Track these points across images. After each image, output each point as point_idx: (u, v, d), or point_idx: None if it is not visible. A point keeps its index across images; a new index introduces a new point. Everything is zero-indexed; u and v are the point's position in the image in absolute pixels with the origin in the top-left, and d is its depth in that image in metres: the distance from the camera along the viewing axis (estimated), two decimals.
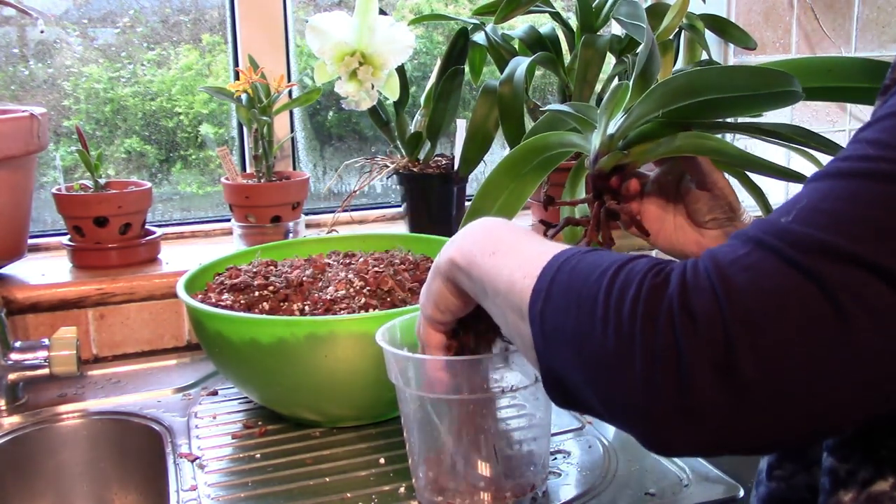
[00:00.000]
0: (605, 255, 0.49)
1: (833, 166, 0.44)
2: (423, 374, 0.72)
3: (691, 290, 0.43)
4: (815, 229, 0.41)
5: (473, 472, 0.73)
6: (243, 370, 0.90)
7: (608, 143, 0.70)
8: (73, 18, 1.35)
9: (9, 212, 1.10)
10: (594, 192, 0.73)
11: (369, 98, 1.23)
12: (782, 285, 0.41)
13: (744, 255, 0.43)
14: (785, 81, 0.57)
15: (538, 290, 0.50)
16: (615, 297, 0.45)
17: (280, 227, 1.27)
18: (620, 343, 0.44)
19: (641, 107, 0.68)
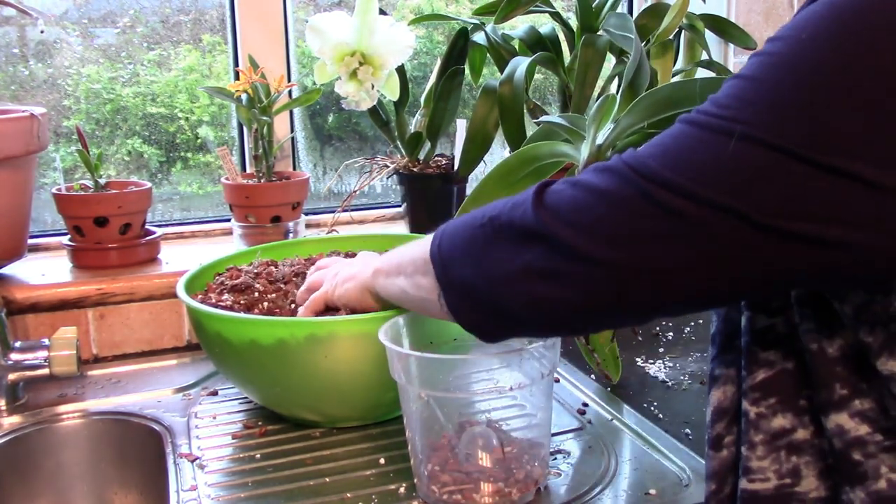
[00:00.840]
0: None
1: (689, 115, 0.53)
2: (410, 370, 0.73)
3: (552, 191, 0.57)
4: (649, 158, 0.52)
5: (477, 470, 0.73)
6: (243, 371, 0.90)
7: (596, 154, 0.72)
8: (73, 18, 1.35)
9: (9, 212, 1.10)
10: None
11: (369, 98, 1.23)
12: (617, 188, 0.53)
13: (603, 166, 0.54)
14: None
15: (433, 242, 0.65)
16: (490, 215, 0.60)
17: (280, 227, 1.27)
18: (499, 235, 0.58)
19: (628, 118, 0.69)
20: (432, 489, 0.75)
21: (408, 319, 0.80)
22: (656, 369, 1.11)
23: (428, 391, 0.73)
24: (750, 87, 0.49)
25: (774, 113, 0.47)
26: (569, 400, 0.99)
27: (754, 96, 0.49)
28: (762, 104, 0.48)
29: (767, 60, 0.49)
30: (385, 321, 0.79)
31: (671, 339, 1.21)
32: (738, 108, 0.49)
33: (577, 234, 0.53)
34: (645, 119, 0.68)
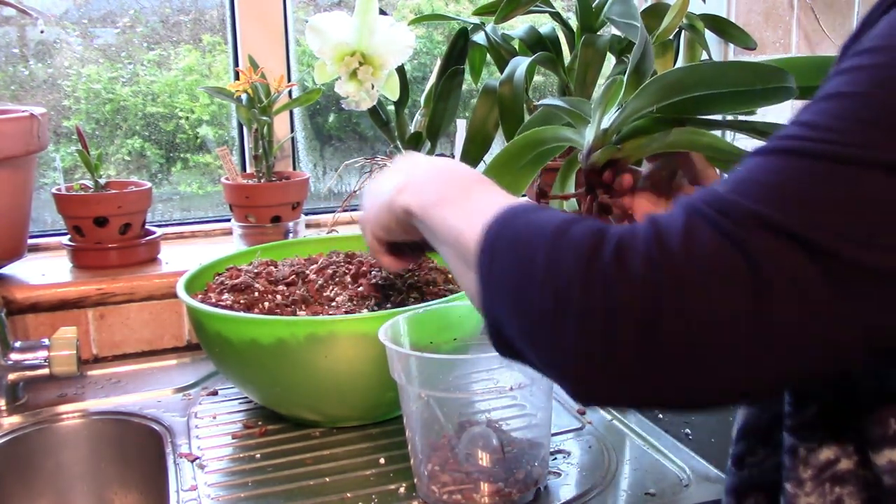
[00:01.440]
0: (551, 214, 0.51)
1: (770, 143, 0.46)
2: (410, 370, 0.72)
3: (627, 251, 0.44)
4: (746, 199, 0.43)
5: (477, 470, 0.73)
6: (243, 370, 0.90)
7: (601, 138, 0.71)
8: (73, 18, 1.35)
9: (9, 212, 1.10)
10: (586, 187, 0.73)
11: (369, 98, 1.23)
12: (710, 252, 0.42)
13: (680, 221, 0.44)
14: (778, 77, 0.58)
15: (484, 243, 0.52)
16: (554, 255, 0.47)
17: (280, 227, 1.27)
18: (556, 300, 0.46)
19: (635, 102, 0.68)
20: (432, 489, 0.75)
21: (408, 319, 0.80)
22: None
23: (428, 391, 0.74)
24: (856, 104, 0.43)
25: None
26: (569, 400, 0.99)
27: (868, 115, 0.42)
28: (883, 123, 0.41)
29: (868, 74, 0.43)
30: (385, 321, 0.79)
31: None
32: (847, 129, 0.42)
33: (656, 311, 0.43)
34: (653, 103, 0.66)
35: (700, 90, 0.62)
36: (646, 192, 0.76)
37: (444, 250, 0.59)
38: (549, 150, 0.80)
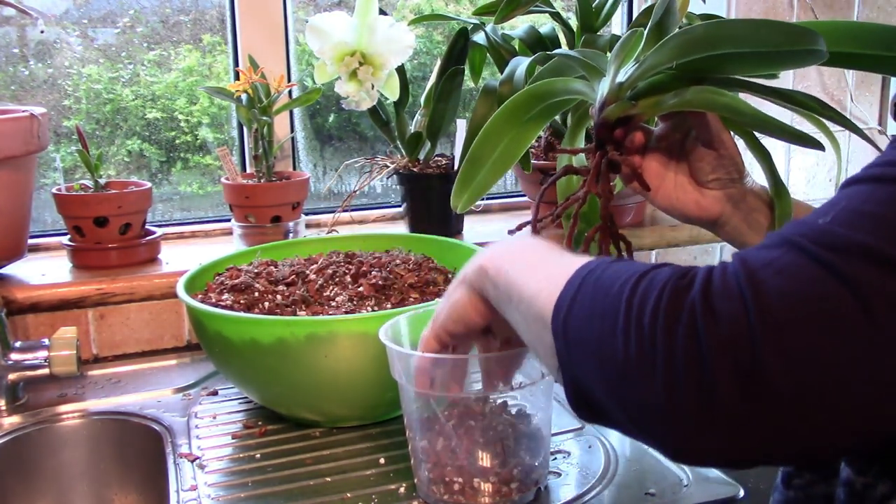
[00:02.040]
0: (628, 265, 0.48)
1: (871, 171, 0.43)
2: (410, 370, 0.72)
3: (716, 293, 0.42)
4: (852, 231, 0.40)
5: (477, 470, 0.73)
6: (243, 370, 0.90)
7: (616, 92, 0.68)
8: (73, 18, 1.35)
9: (9, 212, 1.10)
10: (597, 142, 0.71)
11: (369, 98, 1.23)
12: (815, 289, 0.39)
13: (776, 258, 0.41)
14: (809, 39, 0.56)
15: (562, 301, 0.49)
16: (636, 305, 0.44)
17: (280, 227, 1.27)
18: (642, 352, 0.43)
19: (655, 56, 0.65)
20: (432, 489, 0.75)
21: (408, 319, 0.80)
22: None
23: (428, 391, 0.73)
24: None
25: None
26: None
27: None
28: None
29: None
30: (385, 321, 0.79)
31: None
32: None
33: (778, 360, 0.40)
34: (674, 59, 0.63)
35: (725, 48, 0.60)
36: (656, 153, 0.75)
37: (517, 312, 0.56)
38: (557, 103, 0.76)
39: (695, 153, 0.74)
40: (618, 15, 1.56)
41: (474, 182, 0.80)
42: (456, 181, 0.81)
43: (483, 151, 0.78)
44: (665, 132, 0.74)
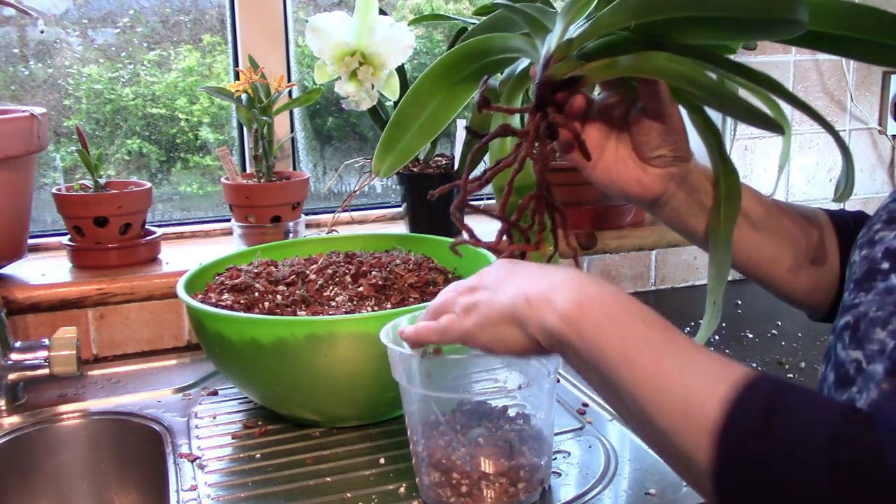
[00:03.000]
0: (809, 401, 0.47)
1: None
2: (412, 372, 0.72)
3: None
4: None
5: (479, 470, 0.73)
6: (243, 370, 0.90)
7: (565, 49, 0.62)
8: (73, 18, 1.35)
9: (9, 212, 1.10)
10: (537, 102, 0.65)
11: (369, 98, 1.23)
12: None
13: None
14: (787, 7, 0.50)
15: (738, 422, 0.47)
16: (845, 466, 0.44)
17: (280, 227, 1.27)
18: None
19: (611, 14, 0.58)
20: (438, 492, 0.75)
21: (409, 320, 0.79)
22: None
23: (429, 392, 0.73)
24: None
25: None
26: (569, 400, 0.99)
27: None
28: None
29: None
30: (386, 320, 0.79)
31: None
32: None
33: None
34: (634, 18, 0.57)
35: (690, 10, 0.54)
36: (596, 123, 0.70)
37: (637, 408, 0.51)
38: (494, 62, 0.70)
39: (640, 126, 0.69)
40: None
41: (398, 146, 0.74)
42: (378, 144, 0.75)
43: (410, 114, 0.72)
44: (608, 100, 0.69)
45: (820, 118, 0.62)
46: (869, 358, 0.57)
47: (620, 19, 0.58)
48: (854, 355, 0.58)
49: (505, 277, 0.61)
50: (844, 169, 0.69)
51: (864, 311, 0.59)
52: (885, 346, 0.55)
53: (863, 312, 0.59)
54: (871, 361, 0.56)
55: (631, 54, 0.60)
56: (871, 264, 0.61)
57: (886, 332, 0.55)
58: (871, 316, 0.58)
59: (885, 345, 0.55)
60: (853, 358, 0.58)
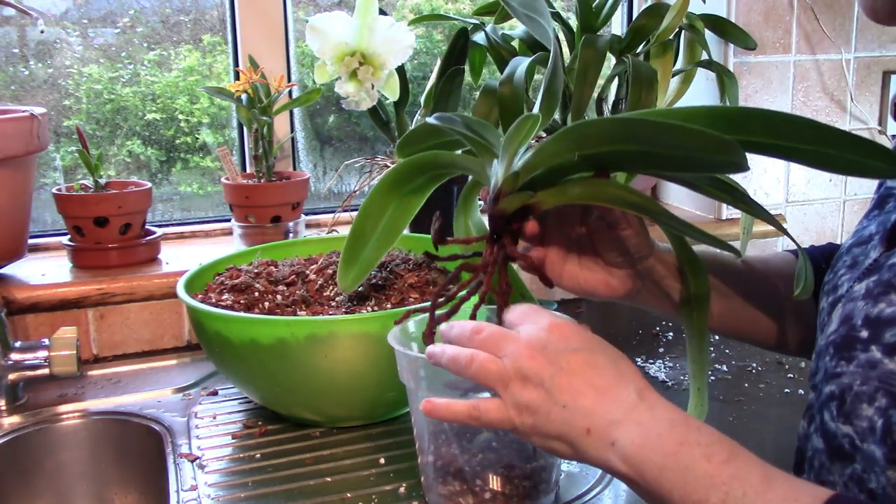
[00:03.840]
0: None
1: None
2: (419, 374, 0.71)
3: None
4: None
5: (488, 477, 0.73)
6: (243, 370, 0.90)
7: (512, 182, 0.63)
8: (73, 18, 1.35)
9: (9, 212, 1.10)
10: (492, 233, 0.66)
11: (369, 98, 1.22)
12: None
13: None
14: (731, 152, 0.50)
15: None
16: None
17: (280, 227, 1.27)
18: None
19: (554, 144, 0.59)
20: (441, 494, 0.75)
21: (416, 323, 0.79)
22: (656, 369, 1.11)
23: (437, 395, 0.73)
24: None
25: None
26: None
27: None
28: None
29: None
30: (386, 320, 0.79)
31: (671, 340, 1.21)
32: None
33: None
34: (574, 151, 0.58)
35: (631, 145, 0.55)
36: (555, 237, 0.71)
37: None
38: (439, 174, 0.72)
39: (600, 235, 0.70)
40: (618, 15, 1.56)
41: (360, 259, 0.77)
42: (341, 259, 0.77)
43: (365, 227, 0.74)
44: (562, 209, 0.69)
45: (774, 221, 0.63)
46: (861, 435, 0.57)
47: (563, 150, 0.59)
48: (845, 430, 0.58)
49: (567, 377, 0.56)
50: (802, 266, 0.70)
51: (849, 384, 0.58)
52: (873, 423, 0.55)
53: (847, 385, 0.59)
54: (865, 440, 0.56)
55: (580, 183, 0.61)
56: (850, 330, 0.60)
57: (873, 409, 0.56)
58: (856, 390, 0.57)
59: (873, 422, 0.55)
60: (844, 433, 0.59)
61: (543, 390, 0.56)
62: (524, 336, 0.58)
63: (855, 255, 0.67)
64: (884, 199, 0.70)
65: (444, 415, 0.60)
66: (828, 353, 0.63)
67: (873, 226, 0.68)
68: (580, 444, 0.56)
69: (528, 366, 0.56)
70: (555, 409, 0.56)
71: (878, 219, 0.68)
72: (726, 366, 1.12)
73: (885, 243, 0.64)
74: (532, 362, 0.56)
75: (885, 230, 0.65)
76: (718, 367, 1.12)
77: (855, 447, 0.58)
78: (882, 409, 0.55)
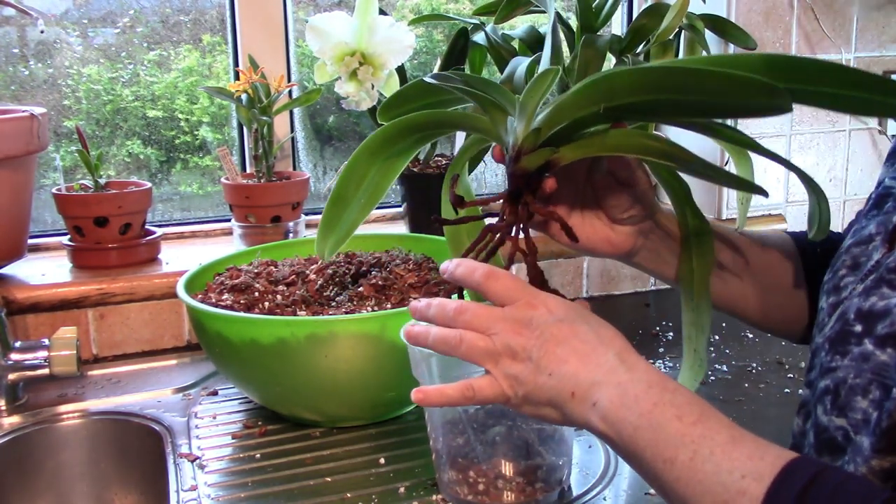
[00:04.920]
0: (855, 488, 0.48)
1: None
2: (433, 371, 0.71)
3: None
4: None
5: (496, 469, 0.73)
6: (243, 370, 0.90)
7: (533, 139, 0.61)
8: (73, 18, 1.35)
9: (9, 212, 1.10)
10: (512, 192, 0.64)
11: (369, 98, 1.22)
12: None
13: None
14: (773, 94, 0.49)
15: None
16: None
17: (280, 227, 1.27)
18: None
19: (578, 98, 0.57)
20: (456, 489, 0.75)
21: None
22: None
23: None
24: None
25: None
26: None
27: None
28: None
29: None
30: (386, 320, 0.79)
31: (671, 339, 1.21)
32: None
33: None
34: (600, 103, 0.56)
35: (666, 95, 0.54)
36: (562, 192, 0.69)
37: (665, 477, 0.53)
38: (427, 135, 0.69)
39: (608, 191, 0.69)
40: (618, 15, 1.56)
41: (340, 223, 0.73)
42: (320, 224, 0.74)
43: (347, 190, 0.71)
44: (572, 169, 0.67)
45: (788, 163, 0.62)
46: (854, 428, 0.57)
47: (588, 102, 0.58)
48: (838, 422, 0.59)
49: (552, 346, 0.58)
50: (815, 206, 0.69)
51: (843, 377, 0.59)
52: (868, 415, 0.56)
53: (841, 378, 0.59)
54: (858, 432, 0.57)
55: (603, 135, 0.60)
56: (845, 325, 0.61)
57: (868, 402, 0.56)
58: (850, 383, 0.58)
59: (868, 414, 0.56)
60: (838, 426, 0.59)
61: (531, 362, 0.59)
62: (509, 313, 0.60)
63: (855, 255, 0.67)
64: (882, 199, 0.70)
65: (438, 400, 0.62)
66: (823, 350, 0.63)
67: (872, 225, 0.68)
68: (566, 407, 0.58)
69: (515, 342, 0.59)
70: (541, 377, 0.58)
71: (876, 218, 0.68)
72: (726, 366, 1.12)
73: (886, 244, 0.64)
74: (519, 338, 0.59)
75: (886, 231, 0.65)
76: (718, 367, 1.12)
77: (848, 439, 0.58)
78: (877, 401, 0.56)
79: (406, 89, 0.71)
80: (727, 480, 0.51)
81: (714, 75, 0.52)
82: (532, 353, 0.59)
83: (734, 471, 0.51)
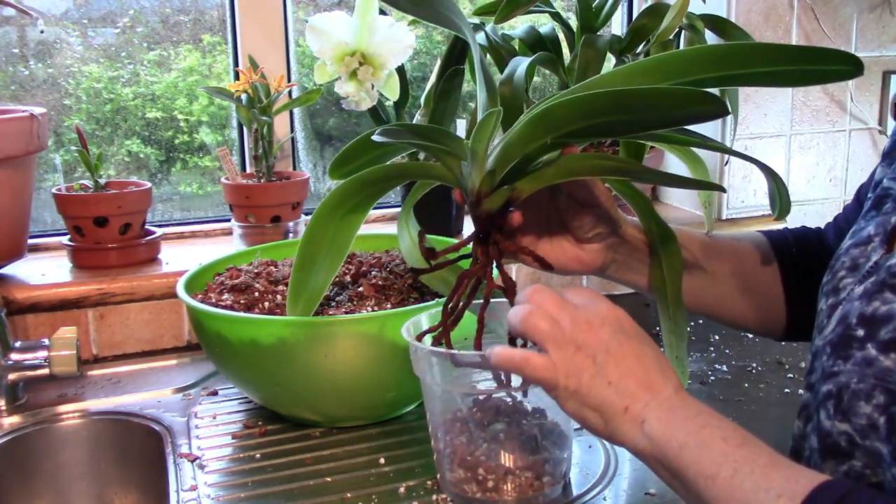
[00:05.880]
0: None
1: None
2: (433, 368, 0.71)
3: None
4: None
5: (502, 466, 0.73)
6: (243, 370, 0.90)
7: (489, 181, 0.62)
8: (73, 18, 1.35)
9: (9, 212, 1.10)
10: (480, 235, 0.66)
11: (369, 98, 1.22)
12: None
13: None
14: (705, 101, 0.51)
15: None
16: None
17: (280, 227, 1.27)
18: None
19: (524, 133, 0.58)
20: (462, 487, 0.74)
21: (429, 317, 0.78)
22: None
23: (452, 388, 0.73)
24: None
25: None
26: None
27: None
28: None
29: None
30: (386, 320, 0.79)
31: None
32: None
33: None
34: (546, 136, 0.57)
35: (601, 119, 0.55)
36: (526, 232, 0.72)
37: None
38: (383, 188, 0.71)
39: (571, 213, 0.71)
40: (618, 15, 1.56)
41: (308, 287, 0.76)
42: (289, 289, 0.77)
43: (310, 252, 0.74)
44: (534, 198, 0.69)
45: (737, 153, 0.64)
46: (861, 433, 0.58)
47: (535, 136, 0.59)
48: (842, 427, 0.59)
49: (617, 357, 0.59)
50: (774, 189, 0.70)
51: (846, 382, 0.59)
52: (873, 420, 0.57)
53: (844, 383, 0.60)
54: (866, 437, 0.57)
55: (554, 163, 0.61)
56: (846, 329, 0.61)
57: (871, 407, 0.57)
58: (853, 388, 0.59)
59: (873, 419, 0.57)
60: (841, 430, 0.59)
61: (594, 364, 0.59)
62: (583, 310, 0.60)
63: (854, 256, 0.67)
64: (881, 200, 0.70)
65: (501, 355, 0.61)
66: (825, 353, 0.63)
67: (871, 227, 0.68)
68: (614, 420, 0.59)
69: (584, 337, 0.59)
70: (600, 383, 0.59)
71: (875, 220, 0.68)
72: (726, 366, 1.12)
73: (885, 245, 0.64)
74: (589, 335, 0.59)
75: (885, 232, 0.65)
76: (718, 367, 1.12)
77: (853, 444, 0.58)
78: (882, 406, 0.56)
79: (354, 145, 0.73)
80: (764, 499, 0.52)
81: (649, 93, 0.53)
82: (597, 355, 0.59)
83: (770, 490, 0.52)
